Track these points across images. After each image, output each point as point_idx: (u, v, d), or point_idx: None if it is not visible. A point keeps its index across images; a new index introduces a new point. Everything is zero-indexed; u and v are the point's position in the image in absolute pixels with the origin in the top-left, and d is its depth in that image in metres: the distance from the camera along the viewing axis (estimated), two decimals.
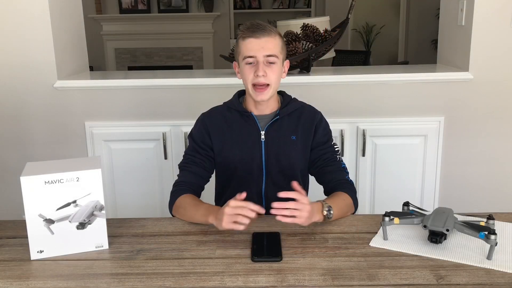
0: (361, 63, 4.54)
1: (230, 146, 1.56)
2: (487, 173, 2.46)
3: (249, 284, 1.07)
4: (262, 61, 1.47)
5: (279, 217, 1.23)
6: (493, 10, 2.30)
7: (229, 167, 1.58)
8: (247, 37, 1.47)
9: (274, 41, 1.48)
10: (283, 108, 1.57)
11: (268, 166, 1.57)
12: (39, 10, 2.31)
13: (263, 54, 1.46)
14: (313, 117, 1.59)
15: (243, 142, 1.56)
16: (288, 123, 1.57)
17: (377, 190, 2.46)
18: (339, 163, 1.57)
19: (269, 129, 1.55)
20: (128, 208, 2.47)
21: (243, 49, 1.48)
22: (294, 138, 1.56)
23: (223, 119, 1.59)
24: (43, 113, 2.41)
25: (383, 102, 2.40)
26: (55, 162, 1.26)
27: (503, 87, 2.38)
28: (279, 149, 1.56)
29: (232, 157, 1.56)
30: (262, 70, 1.46)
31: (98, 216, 1.23)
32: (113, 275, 1.11)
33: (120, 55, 6.53)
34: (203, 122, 1.60)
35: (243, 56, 1.49)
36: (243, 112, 1.57)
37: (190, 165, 1.57)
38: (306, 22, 2.45)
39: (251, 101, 1.56)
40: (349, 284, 1.06)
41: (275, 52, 1.47)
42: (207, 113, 1.64)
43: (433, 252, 1.19)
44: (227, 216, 1.23)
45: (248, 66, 1.49)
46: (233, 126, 1.57)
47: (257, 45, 1.46)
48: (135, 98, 2.41)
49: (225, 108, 1.61)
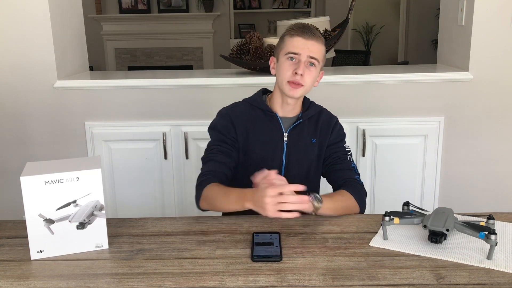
0: (361, 63, 4.54)
1: (252, 144, 1.55)
2: (487, 173, 2.46)
3: (249, 284, 1.06)
4: (305, 61, 1.47)
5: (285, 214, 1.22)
6: (493, 10, 2.31)
7: (248, 165, 1.55)
8: (296, 35, 1.49)
9: (319, 46, 1.49)
10: (305, 112, 1.57)
11: (288, 168, 1.56)
12: (39, 10, 2.31)
13: (307, 54, 1.47)
14: (329, 120, 1.61)
15: (265, 142, 1.55)
16: (308, 126, 1.57)
17: (377, 190, 2.46)
18: (349, 163, 1.57)
19: (292, 132, 1.56)
20: (128, 208, 2.47)
21: (289, 45, 1.49)
22: (314, 141, 1.57)
23: (247, 116, 1.57)
24: (43, 113, 2.41)
25: (383, 102, 2.40)
26: (55, 162, 1.26)
27: (503, 87, 2.38)
28: (300, 152, 1.56)
29: (253, 155, 1.55)
30: (302, 69, 1.46)
31: (98, 216, 1.23)
32: (113, 275, 1.11)
33: (120, 55, 6.53)
34: (228, 116, 1.57)
35: (286, 51, 1.49)
36: (267, 112, 1.56)
37: (215, 154, 1.52)
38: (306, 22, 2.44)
39: (278, 100, 1.56)
40: (349, 284, 1.06)
41: (318, 56, 1.49)
42: (230, 108, 1.61)
43: (433, 252, 1.19)
44: (271, 206, 1.20)
45: (288, 61, 1.49)
46: (257, 124, 1.56)
47: (303, 44, 1.47)
48: (135, 98, 2.41)
49: (248, 105, 1.59)
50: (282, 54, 1.51)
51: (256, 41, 2.45)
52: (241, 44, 2.49)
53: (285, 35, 1.53)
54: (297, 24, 1.53)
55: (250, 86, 2.36)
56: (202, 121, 2.40)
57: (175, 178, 2.44)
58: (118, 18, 6.39)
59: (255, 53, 2.40)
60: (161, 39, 6.44)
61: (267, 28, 6.72)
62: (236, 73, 2.56)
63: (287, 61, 1.49)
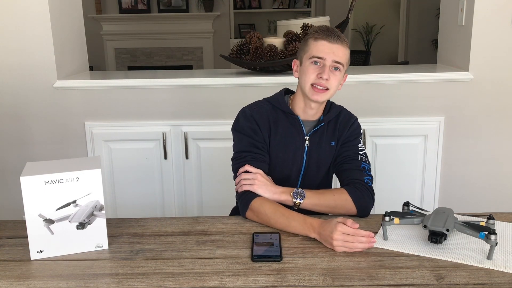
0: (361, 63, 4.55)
1: (274, 147, 1.53)
2: (487, 173, 2.46)
3: (249, 284, 1.06)
4: (329, 65, 1.45)
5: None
6: (493, 10, 2.30)
7: (268, 167, 1.54)
8: (320, 39, 1.46)
9: (344, 50, 1.47)
10: (327, 115, 1.55)
11: (307, 171, 1.55)
12: (39, 10, 2.31)
13: (332, 58, 1.44)
14: (348, 120, 1.58)
15: (287, 144, 1.53)
16: (328, 129, 1.56)
17: (377, 190, 2.44)
18: (359, 162, 1.52)
19: (313, 135, 1.54)
20: (128, 208, 2.47)
21: (313, 49, 1.46)
22: (334, 144, 1.56)
23: (269, 117, 1.54)
24: (43, 113, 2.41)
25: (383, 102, 2.40)
26: (55, 162, 1.26)
27: (503, 87, 2.38)
28: (320, 155, 1.55)
29: (274, 157, 1.54)
30: (327, 74, 1.44)
31: (98, 216, 1.23)
32: (113, 275, 1.11)
33: (120, 55, 6.53)
34: (252, 117, 1.53)
35: (310, 55, 1.46)
36: (289, 114, 1.54)
37: (250, 162, 1.48)
38: (306, 22, 2.45)
39: (300, 103, 1.54)
40: (349, 284, 1.06)
41: (342, 60, 1.46)
42: (253, 108, 1.56)
43: (433, 252, 1.19)
44: (338, 242, 1.21)
45: (313, 65, 1.46)
46: (279, 126, 1.54)
47: (328, 49, 1.45)
48: (135, 98, 2.41)
49: (270, 106, 1.56)
50: (306, 58, 1.48)
51: (256, 41, 2.45)
52: (241, 44, 2.49)
53: (309, 38, 1.49)
54: (321, 27, 1.49)
55: (250, 86, 2.37)
56: (202, 121, 2.41)
57: (175, 178, 2.44)
58: (118, 18, 6.39)
59: (255, 53, 2.40)
60: (161, 39, 6.43)
61: (267, 28, 6.72)
62: (236, 73, 2.56)
63: (312, 65, 1.46)
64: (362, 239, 1.21)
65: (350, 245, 1.20)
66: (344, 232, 1.21)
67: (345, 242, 1.20)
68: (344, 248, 1.21)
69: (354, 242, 1.20)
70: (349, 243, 1.20)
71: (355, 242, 1.20)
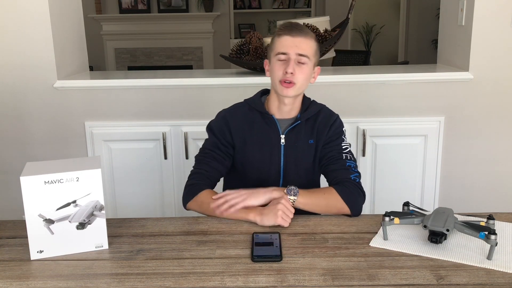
0: (361, 63, 4.54)
1: (250, 147, 1.55)
2: (487, 173, 2.46)
3: (249, 284, 1.06)
4: (294, 59, 1.46)
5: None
6: (493, 10, 2.30)
7: (247, 168, 1.56)
8: (283, 35, 1.48)
9: (309, 43, 1.48)
10: (304, 112, 1.56)
11: (286, 170, 1.56)
12: (39, 10, 2.31)
13: (295, 52, 1.46)
14: (328, 118, 1.58)
15: (263, 145, 1.54)
16: (306, 127, 1.56)
17: (377, 190, 2.46)
18: (344, 161, 1.52)
19: (289, 133, 1.55)
20: (128, 208, 2.47)
21: (277, 45, 1.49)
22: (312, 142, 1.55)
23: (245, 118, 1.56)
24: (43, 113, 2.41)
25: (383, 102, 2.40)
26: (55, 162, 1.26)
27: (503, 87, 2.38)
28: (298, 154, 1.55)
29: (251, 158, 1.55)
30: (292, 68, 1.45)
31: (98, 216, 1.23)
32: (113, 275, 1.11)
33: (120, 55, 6.53)
34: (225, 119, 1.57)
35: (275, 52, 1.49)
36: (264, 114, 1.56)
37: (209, 159, 1.54)
38: (306, 22, 2.44)
39: (274, 102, 1.55)
40: (349, 284, 1.06)
41: (307, 53, 1.47)
42: (228, 111, 1.61)
43: (433, 252, 1.19)
44: (282, 213, 1.33)
45: (279, 62, 1.48)
46: (254, 127, 1.55)
47: (291, 43, 1.46)
48: (135, 98, 2.41)
49: (247, 107, 1.59)
50: (273, 56, 1.51)
51: (256, 41, 2.45)
52: (241, 44, 2.49)
53: (274, 36, 1.52)
54: (284, 23, 1.52)
55: (250, 86, 2.36)
56: (202, 121, 2.39)
57: (175, 178, 2.44)
58: (118, 18, 6.39)
59: (255, 53, 2.40)
60: (161, 39, 6.43)
61: (267, 28, 6.72)
62: (236, 73, 2.56)
63: (278, 62, 1.49)
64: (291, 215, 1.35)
65: (288, 218, 1.34)
66: (287, 206, 1.35)
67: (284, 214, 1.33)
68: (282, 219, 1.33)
69: (290, 216, 1.34)
70: (287, 216, 1.34)
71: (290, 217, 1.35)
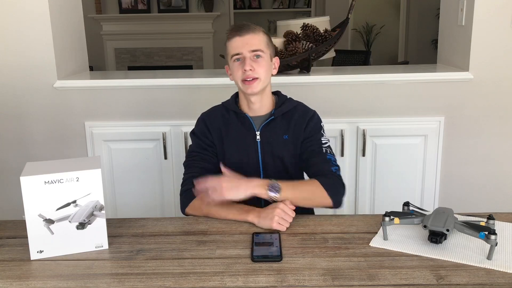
0: (361, 63, 4.54)
1: (228, 147, 1.59)
2: (487, 173, 2.46)
3: (249, 284, 1.06)
4: (249, 56, 1.51)
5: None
6: (493, 10, 2.30)
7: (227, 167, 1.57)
8: (232, 37, 1.53)
9: (258, 37, 1.53)
10: (278, 108, 1.59)
11: (265, 166, 1.59)
12: (39, 10, 2.31)
13: (248, 49, 1.51)
14: (304, 115, 1.60)
15: (240, 143, 1.58)
16: (281, 123, 1.59)
17: (377, 190, 2.46)
18: (324, 155, 1.54)
19: (264, 130, 1.58)
20: (128, 208, 2.47)
21: (230, 48, 1.55)
22: (286, 138, 1.58)
23: (222, 119, 1.62)
24: (43, 113, 2.41)
25: (383, 102, 2.40)
26: (55, 162, 1.26)
27: (503, 87, 2.38)
28: (274, 149, 1.58)
29: (230, 157, 1.58)
30: (249, 65, 1.50)
31: (98, 216, 1.23)
32: (113, 275, 1.11)
33: (120, 55, 6.53)
34: (204, 121, 1.64)
35: (230, 55, 1.55)
36: (238, 113, 1.60)
37: (198, 161, 1.58)
38: (306, 22, 2.45)
39: (244, 101, 1.60)
40: (349, 284, 1.06)
41: (260, 47, 1.52)
42: (206, 113, 1.68)
43: (433, 252, 1.19)
44: (278, 218, 1.32)
45: (236, 63, 1.54)
46: (230, 127, 1.60)
47: (241, 42, 1.51)
48: (135, 98, 2.41)
49: (223, 109, 1.64)
50: (229, 60, 1.57)
51: None
52: None
53: (226, 41, 1.57)
54: (232, 26, 1.58)
55: None
56: None
57: (175, 178, 2.43)
58: (118, 18, 6.39)
59: None
60: (161, 39, 6.43)
61: (267, 28, 6.71)
62: None
63: (235, 63, 1.54)
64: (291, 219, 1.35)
65: (285, 223, 1.33)
66: (285, 211, 1.34)
67: (281, 219, 1.32)
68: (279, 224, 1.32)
69: (288, 220, 1.34)
70: (285, 220, 1.33)
71: (288, 221, 1.34)
